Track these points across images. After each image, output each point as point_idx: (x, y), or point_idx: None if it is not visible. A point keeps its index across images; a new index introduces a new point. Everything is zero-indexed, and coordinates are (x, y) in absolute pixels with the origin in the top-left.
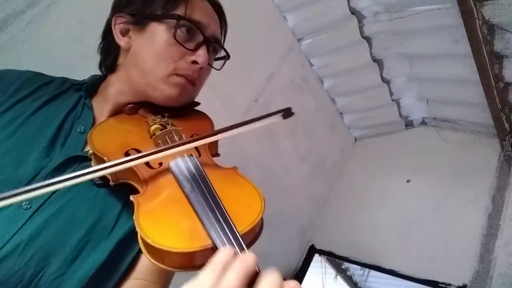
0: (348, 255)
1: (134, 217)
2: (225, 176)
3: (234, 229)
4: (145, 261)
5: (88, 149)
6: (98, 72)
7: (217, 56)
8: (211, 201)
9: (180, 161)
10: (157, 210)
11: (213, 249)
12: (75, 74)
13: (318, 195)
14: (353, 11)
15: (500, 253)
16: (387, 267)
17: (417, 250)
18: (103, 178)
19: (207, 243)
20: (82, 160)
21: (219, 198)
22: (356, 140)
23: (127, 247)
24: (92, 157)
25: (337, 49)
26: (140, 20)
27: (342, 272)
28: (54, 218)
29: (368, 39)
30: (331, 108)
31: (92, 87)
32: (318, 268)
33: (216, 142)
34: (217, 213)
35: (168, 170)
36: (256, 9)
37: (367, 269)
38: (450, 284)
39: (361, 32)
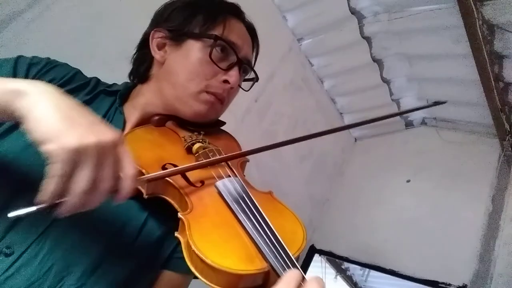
0: (348, 255)
1: (185, 235)
2: (266, 201)
3: (290, 254)
4: (166, 277)
5: None
6: (98, 72)
7: (246, 77)
8: (264, 225)
9: (227, 181)
10: (210, 230)
11: (268, 272)
12: None
13: (318, 195)
14: (353, 11)
15: (500, 253)
16: (387, 267)
17: (417, 250)
18: (136, 190)
19: (264, 265)
20: None
21: (270, 223)
22: (356, 140)
23: (150, 265)
24: None
25: (337, 49)
26: (178, 37)
27: (342, 272)
28: (74, 226)
29: (368, 39)
30: (331, 108)
31: (125, 94)
32: (318, 268)
33: (245, 163)
34: (272, 237)
35: (212, 189)
36: (256, 9)
37: (367, 269)
38: (450, 284)
39: (361, 32)
